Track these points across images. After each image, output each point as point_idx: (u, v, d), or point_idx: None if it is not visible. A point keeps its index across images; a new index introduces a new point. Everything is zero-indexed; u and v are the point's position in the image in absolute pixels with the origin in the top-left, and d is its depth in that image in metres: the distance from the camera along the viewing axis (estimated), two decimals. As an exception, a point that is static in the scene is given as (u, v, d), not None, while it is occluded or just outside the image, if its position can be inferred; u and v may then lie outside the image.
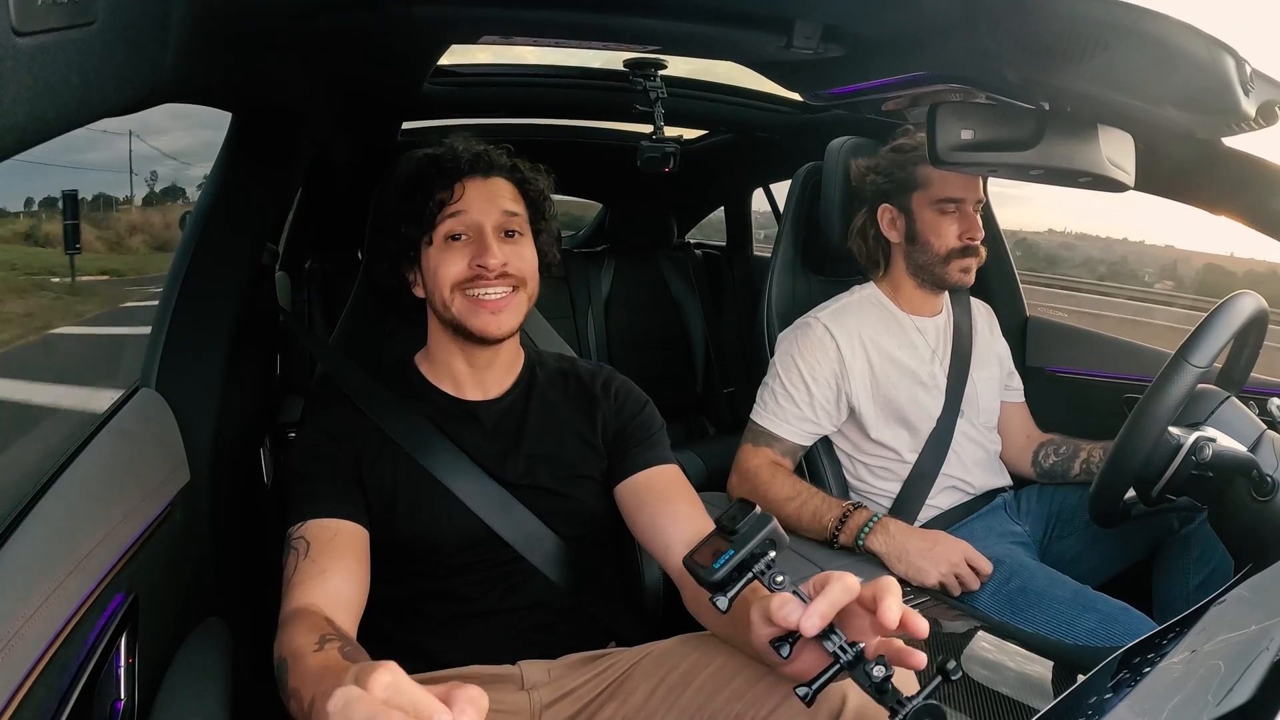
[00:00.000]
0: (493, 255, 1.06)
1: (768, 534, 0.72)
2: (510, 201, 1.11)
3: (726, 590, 0.71)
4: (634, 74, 1.68)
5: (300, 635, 0.84)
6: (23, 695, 0.63)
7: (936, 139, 1.11)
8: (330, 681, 0.74)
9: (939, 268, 1.51)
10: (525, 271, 1.10)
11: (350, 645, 0.83)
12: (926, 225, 1.50)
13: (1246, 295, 1.20)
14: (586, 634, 1.11)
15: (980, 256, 1.52)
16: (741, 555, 0.71)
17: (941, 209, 1.49)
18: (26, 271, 6.80)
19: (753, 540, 0.71)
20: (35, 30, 0.45)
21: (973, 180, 1.49)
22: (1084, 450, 1.57)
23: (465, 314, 1.07)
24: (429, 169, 1.10)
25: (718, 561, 0.71)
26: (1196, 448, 1.10)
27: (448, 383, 1.14)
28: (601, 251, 2.85)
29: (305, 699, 0.76)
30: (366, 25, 1.04)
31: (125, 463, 0.94)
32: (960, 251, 1.50)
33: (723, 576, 0.71)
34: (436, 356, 1.15)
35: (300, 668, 0.80)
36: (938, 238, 1.50)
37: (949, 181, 1.48)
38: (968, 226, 1.49)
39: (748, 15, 1.08)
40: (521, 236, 1.11)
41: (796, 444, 1.48)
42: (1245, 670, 0.62)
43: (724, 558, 0.71)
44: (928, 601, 1.25)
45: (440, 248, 1.08)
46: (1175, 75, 0.99)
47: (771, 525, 0.72)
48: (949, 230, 1.49)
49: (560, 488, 1.11)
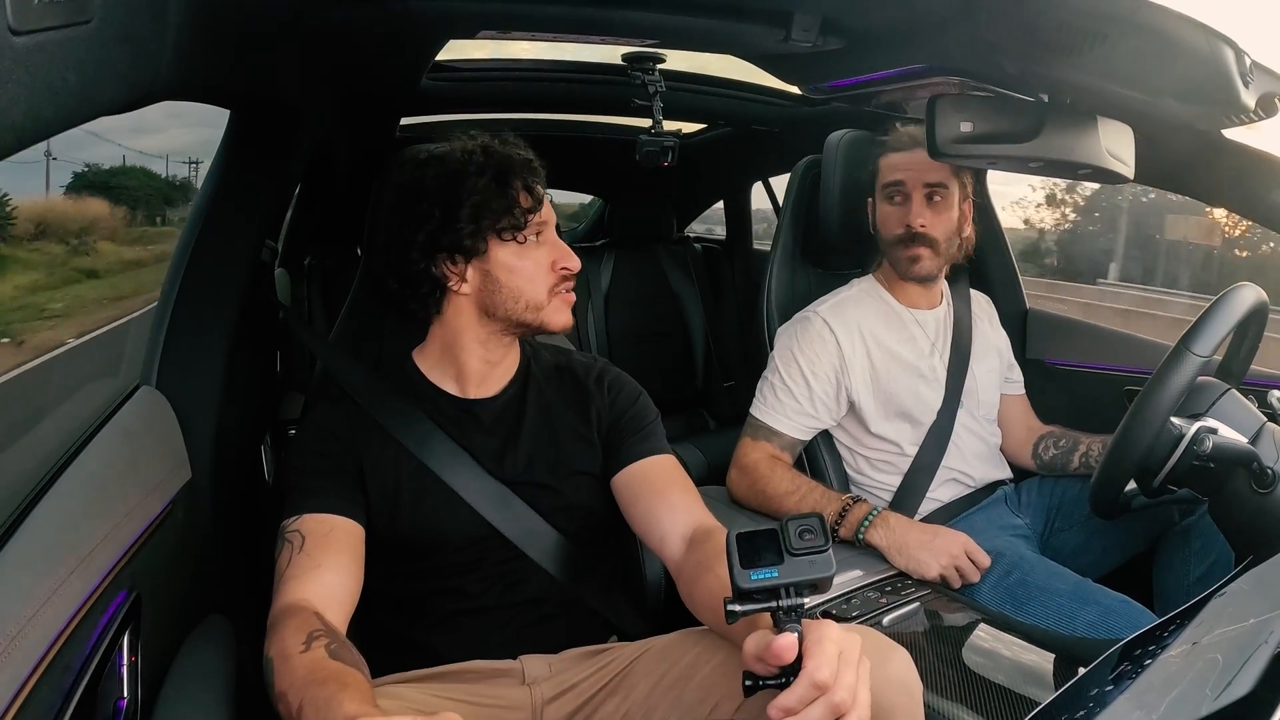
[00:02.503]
0: (573, 258, 1.10)
1: (819, 579, 0.68)
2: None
3: (745, 603, 0.68)
4: (632, 68, 1.68)
5: (288, 634, 0.84)
6: (27, 693, 0.63)
7: (936, 131, 1.11)
8: (318, 691, 0.75)
9: (890, 256, 1.53)
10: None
11: (337, 642, 0.84)
12: (879, 215, 1.54)
13: (1246, 287, 1.20)
14: (588, 629, 1.12)
15: (932, 244, 1.48)
16: (782, 583, 0.67)
17: (889, 195, 1.51)
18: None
19: (802, 577, 0.67)
20: (32, 29, 0.44)
21: (916, 163, 1.47)
22: (1084, 442, 1.57)
23: (552, 313, 1.10)
24: (520, 169, 1.09)
25: (756, 573, 0.67)
26: (1197, 439, 1.11)
27: (448, 380, 1.14)
28: (601, 246, 2.85)
29: (293, 704, 0.77)
30: (365, 21, 1.04)
31: (126, 461, 0.94)
32: (903, 240, 1.48)
33: (750, 589, 0.67)
34: (444, 353, 1.13)
35: (287, 669, 0.80)
36: (884, 226, 1.52)
37: (892, 167, 1.50)
38: (909, 213, 1.48)
39: (746, 9, 1.08)
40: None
41: (796, 438, 1.48)
42: (1246, 662, 0.62)
43: (765, 573, 0.67)
44: (928, 594, 1.26)
45: (522, 249, 1.08)
46: (1174, 67, 0.99)
47: (828, 575, 0.68)
48: (892, 216, 1.50)
49: (558, 484, 1.11)
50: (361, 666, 0.82)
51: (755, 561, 0.67)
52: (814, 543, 0.67)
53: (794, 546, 0.67)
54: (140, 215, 7.11)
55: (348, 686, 0.75)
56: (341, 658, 0.81)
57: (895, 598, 1.24)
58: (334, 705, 0.72)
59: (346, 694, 0.73)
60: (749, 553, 0.68)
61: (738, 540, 0.68)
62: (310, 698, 0.75)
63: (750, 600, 0.68)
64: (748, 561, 0.67)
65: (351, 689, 0.75)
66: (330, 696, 0.73)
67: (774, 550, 0.68)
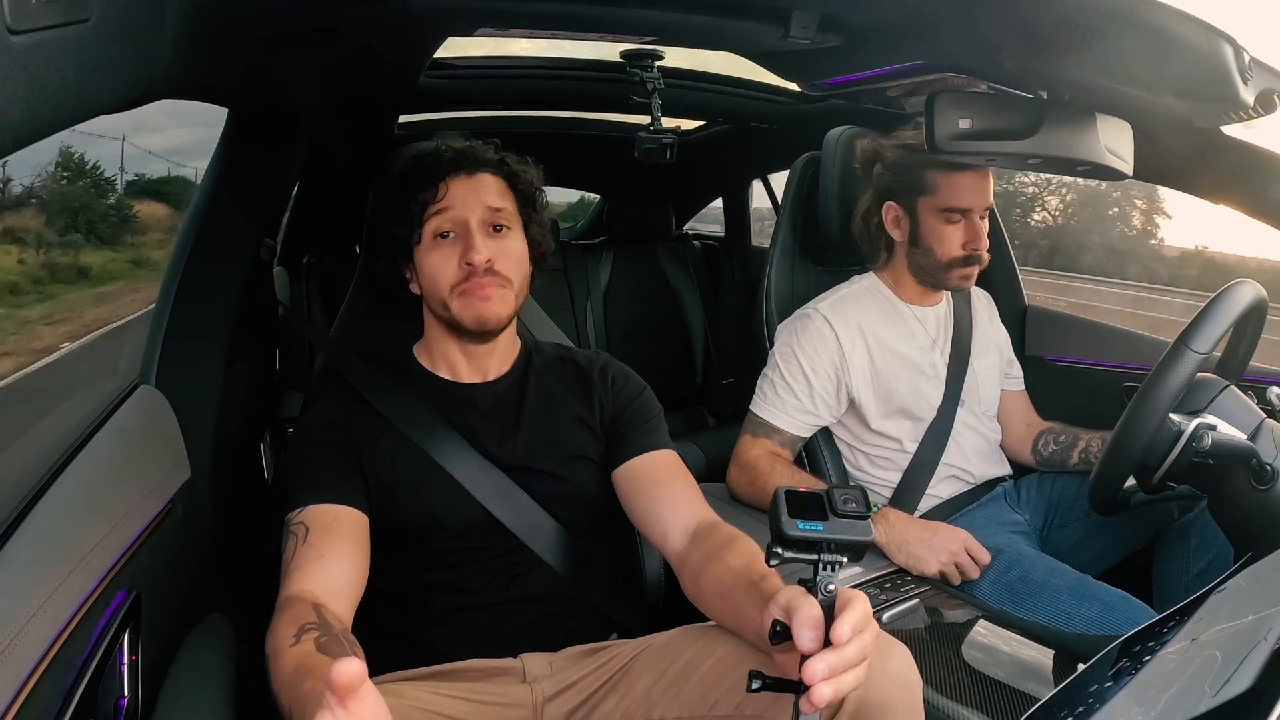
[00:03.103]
0: (477, 251, 1.07)
1: (858, 542, 0.69)
2: (496, 197, 1.12)
3: (785, 550, 0.69)
4: (631, 65, 1.67)
5: (281, 628, 0.84)
6: (27, 693, 0.63)
7: (935, 128, 1.11)
8: (299, 689, 0.74)
9: (940, 273, 1.49)
10: (512, 268, 1.11)
11: (328, 635, 0.83)
12: (930, 231, 1.47)
13: (1245, 284, 1.20)
14: (588, 626, 1.12)
15: (983, 263, 1.49)
16: (824, 538, 0.69)
17: (948, 218, 1.46)
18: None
19: (845, 535, 0.69)
20: (30, 28, 0.44)
21: (982, 188, 1.46)
22: (1083, 439, 1.57)
23: (460, 311, 1.09)
24: (414, 169, 1.11)
25: (803, 523, 0.69)
26: (1196, 435, 1.11)
27: (445, 369, 1.15)
28: (600, 243, 2.85)
29: (285, 704, 0.76)
30: (364, 19, 1.04)
31: (126, 460, 0.94)
32: (963, 260, 1.47)
33: (795, 538, 0.69)
34: (434, 347, 1.16)
35: (277, 666, 0.80)
36: (941, 245, 1.47)
37: (958, 190, 1.44)
38: (972, 236, 1.46)
39: (745, 6, 1.08)
40: (510, 230, 1.12)
41: (796, 435, 1.48)
42: (1244, 659, 0.62)
43: (811, 525, 0.69)
44: (928, 591, 1.26)
45: (429, 246, 1.10)
46: (1173, 64, 0.99)
47: (867, 540, 0.70)
48: (953, 239, 1.46)
49: (559, 470, 1.12)
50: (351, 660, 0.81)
51: (801, 515, 0.69)
52: (857, 510, 0.70)
53: (839, 509, 0.69)
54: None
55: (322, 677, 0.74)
56: (329, 650, 0.80)
57: (895, 594, 1.24)
58: (311, 700, 0.70)
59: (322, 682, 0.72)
60: (795, 507, 0.70)
61: (786, 495, 0.70)
62: (294, 697, 0.75)
63: (793, 548, 0.69)
64: (794, 513, 0.69)
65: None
66: (310, 691, 0.72)
67: (818, 510, 0.70)
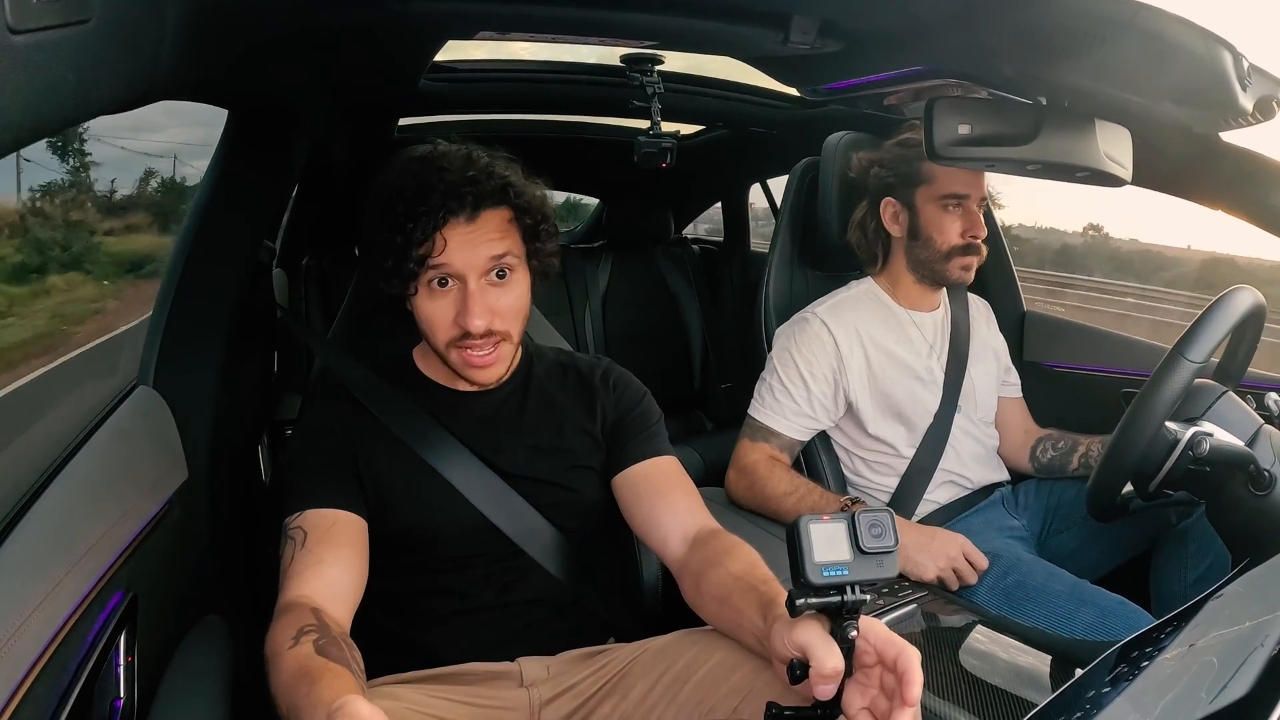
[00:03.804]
0: (475, 317, 1.00)
1: (883, 580, 0.67)
2: (499, 240, 1.02)
3: (810, 596, 0.67)
4: (630, 69, 1.68)
5: (280, 631, 0.84)
6: (23, 693, 0.63)
7: (934, 134, 1.11)
8: (297, 691, 0.74)
9: (940, 264, 1.50)
10: (513, 320, 1.05)
11: (326, 638, 0.83)
12: (930, 221, 1.49)
13: (1244, 290, 1.20)
14: (585, 630, 1.11)
15: (981, 255, 1.51)
16: (851, 581, 0.66)
17: (945, 205, 1.48)
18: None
19: (870, 576, 0.66)
20: (31, 28, 0.44)
21: (977, 177, 1.49)
22: (1081, 445, 1.57)
23: (458, 365, 1.05)
24: (407, 217, 0.98)
25: (829, 569, 0.65)
26: (1194, 442, 1.11)
27: (444, 376, 1.14)
28: (599, 247, 2.85)
29: (282, 708, 0.76)
30: (364, 21, 1.04)
31: (123, 461, 0.94)
32: (962, 249, 1.49)
33: (821, 585, 0.66)
34: (433, 353, 1.14)
35: (276, 669, 0.80)
36: (940, 234, 1.49)
37: (954, 178, 1.47)
38: (971, 224, 1.48)
39: (745, 10, 1.08)
40: (513, 273, 1.04)
41: (794, 439, 1.49)
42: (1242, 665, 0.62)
43: (837, 570, 0.65)
44: (926, 596, 1.26)
45: (425, 294, 1.02)
46: (1172, 70, 0.99)
47: (892, 576, 0.67)
48: (952, 227, 1.48)
49: (560, 479, 1.11)
50: (349, 662, 0.81)
51: (827, 553, 0.66)
52: (885, 543, 0.67)
53: (866, 545, 0.66)
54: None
55: (319, 681, 0.74)
56: (328, 653, 0.80)
57: (893, 599, 1.24)
58: (311, 702, 0.71)
59: (320, 686, 0.73)
60: (820, 543, 0.66)
61: (810, 528, 0.67)
62: (292, 702, 0.75)
63: (812, 596, 0.67)
64: (820, 552, 0.66)
65: (326, 682, 0.74)
66: (306, 694, 0.73)
67: (843, 543, 0.67)
